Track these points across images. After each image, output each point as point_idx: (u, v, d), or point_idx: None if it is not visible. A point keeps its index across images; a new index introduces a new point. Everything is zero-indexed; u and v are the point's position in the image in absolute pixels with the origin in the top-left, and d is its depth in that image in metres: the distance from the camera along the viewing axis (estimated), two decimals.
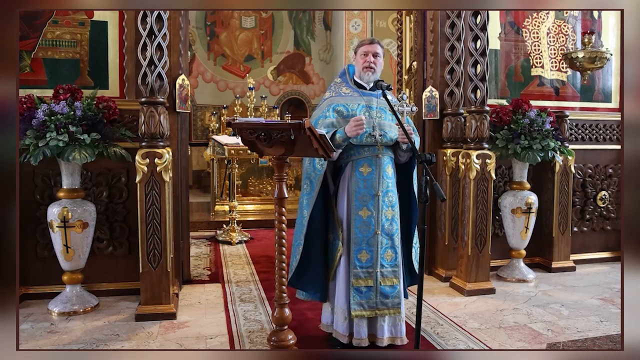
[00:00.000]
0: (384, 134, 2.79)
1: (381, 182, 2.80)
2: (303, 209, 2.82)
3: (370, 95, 2.87)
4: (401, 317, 2.88)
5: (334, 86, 2.97)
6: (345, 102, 2.83)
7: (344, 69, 3.01)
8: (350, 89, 2.90)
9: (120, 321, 3.29)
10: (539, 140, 4.17)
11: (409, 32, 5.19)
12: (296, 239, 2.87)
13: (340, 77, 3.00)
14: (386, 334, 2.84)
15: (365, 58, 2.85)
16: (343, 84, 2.94)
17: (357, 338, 2.80)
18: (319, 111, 2.88)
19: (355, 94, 2.87)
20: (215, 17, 11.13)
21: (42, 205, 3.60)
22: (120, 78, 3.76)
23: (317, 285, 2.87)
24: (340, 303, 2.81)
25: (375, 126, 2.78)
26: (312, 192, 2.78)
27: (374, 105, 2.84)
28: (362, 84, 2.90)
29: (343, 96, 2.87)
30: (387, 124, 2.83)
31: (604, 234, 5.07)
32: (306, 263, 2.83)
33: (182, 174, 3.99)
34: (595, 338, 3.02)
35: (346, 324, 2.81)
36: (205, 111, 10.81)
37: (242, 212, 7.09)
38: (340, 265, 2.80)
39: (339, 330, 2.84)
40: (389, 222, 2.83)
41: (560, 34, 4.89)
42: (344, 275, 2.80)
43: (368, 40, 2.91)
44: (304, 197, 2.83)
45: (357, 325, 2.80)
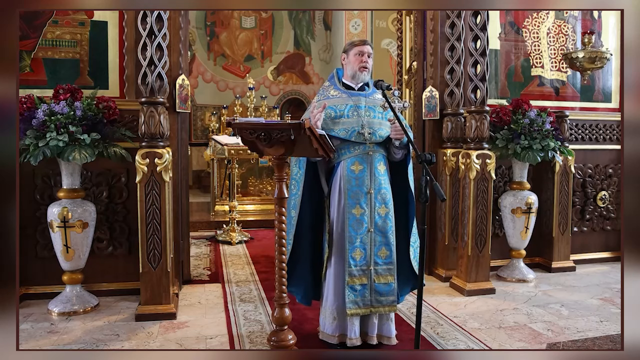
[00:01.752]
0: (374, 132, 2.81)
1: (373, 179, 2.81)
2: (291, 209, 2.84)
3: (359, 95, 2.90)
4: (391, 317, 2.90)
5: (322, 90, 3.00)
6: (334, 104, 2.86)
7: (333, 73, 3.04)
8: (338, 91, 2.92)
9: (120, 321, 3.29)
10: (539, 140, 4.17)
11: (409, 32, 5.19)
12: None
13: (328, 80, 3.03)
14: (376, 331, 2.88)
15: (360, 58, 2.86)
16: (331, 87, 2.96)
17: (350, 338, 2.80)
18: (307, 114, 2.89)
19: (344, 95, 2.89)
20: (215, 17, 11.13)
21: (42, 205, 3.60)
22: (120, 78, 3.76)
23: (301, 285, 2.89)
24: (329, 304, 2.82)
25: (364, 124, 2.80)
26: (297, 192, 2.82)
27: (363, 105, 2.87)
28: (350, 85, 2.92)
29: (331, 98, 2.89)
30: (376, 122, 2.85)
31: (604, 234, 5.07)
32: (294, 264, 2.84)
33: (182, 174, 3.99)
34: (595, 338, 3.02)
35: (335, 324, 2.82)
36: (205, 111, 10.81)
37: (242, 212, 7.09)
38: (330, 266, 2.82)
39: (326, 331, 2.85)
40: (383, 220, 2.84)
41: (560, 34, 4.89)
42: (333, 276, 2.81)
43: (360, 41, 2.91)
44: (291, 197, 2.84)
45: (351, 325, 2.80)
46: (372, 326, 2.87)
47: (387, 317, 2.90)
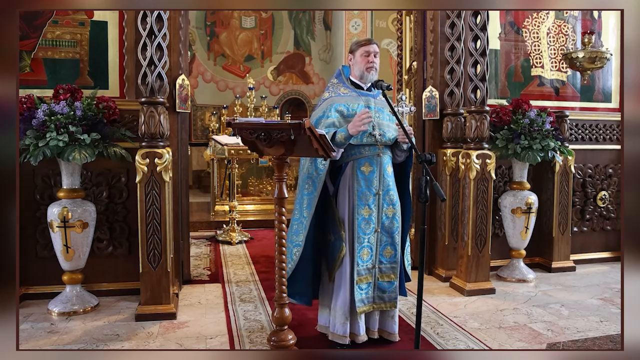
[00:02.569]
0: (384, 134, 2.81)
1: (382, 180, 2.81)
2: (303, 209, 2.80)
3: (368, 95, 2.89)
4: (393, 313, 2.92)
5: (331, 87, 2.96)
6: (346, 102, 2.83)
7: (339, 70, 3.01)
8: (348, 89, 2.90)
9: (120, 321, 3.29)
10: (539, 140, 4.17)
11: (409, 32, 5.19)
12: (292, 241, 2.83)
13: (336, 77, 2.99)
14: (377, 326, 2.91)
15: (367, 58, 2.85)
16: (340, 85, 2.93)
17: (358, 335, 2.83)
18: (319, 111, 2.88)
19: (354, 94, 2.87)
20: (215, 17, 11.13)
21: (42, 205, 3.60)
22: (120, 78, 3.76)
23: (305, 288, 2.87)
24: (340, 304, 2.80)
25: (375, 125, 2.80)
26: (314, 192, 2.78)
27: (372, 105, 2.86)
28: (359, 84, 2.90)
29: (342, 96, 2.87)
30: (385, 124, 2.84)
31: (604, 234, 5.07)
32: (296, 267, 2.82)
33: (182, 174, 3.99)
34: (595, 338, 3.02)
35: (347, 325, 2.81)
36: (205, 111, 10.81)
37: (242, 212, 7.09)
38: (343, 266, 2.80)
39: (337, 332, 2.83)
40: (389, 220, 2.85)
41: (560, 34, 4.89)
42: (345, 276, 2.80)
43: (367, 40, 2.90)
44: (304, 197, 2.81)
45: (359, 322, 2.82)
46: (374, 322, 2.92)
47: (389, 314, 2.92)
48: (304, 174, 2.85)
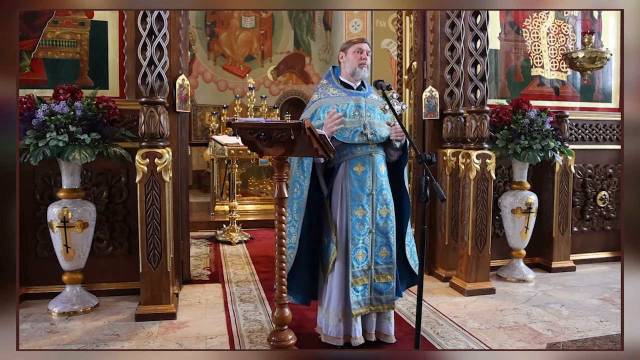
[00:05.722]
0: (375, 133, 2.80)
1: (375, 180, 2.80)
2: (294, 212, 2.80)
3: (358, 95, 2.87)
4: (389, 315, 2.91)
5: (320, 88, 2.95)
6: (335, 103, 2.82)
7: (329, 71, 3.00)
8: (337, 90, 2.89)
9: (120, 321, 3.29)
10: (539, 140, 4.17)
11: (409, 32, 5.19)
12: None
13: (325, 78, 2.99)
14: (374, 328, 2.90)
15: (359, 55, 2.84)
16: (330, 85, 2.92)
17: (354, 337, 2.81)
18: (308, 113, 2.86)
19: (344, 94, 2.86)
20: (215, 17, 11.14)
21: (42, 205, 3.60)
22: (120, 78, 3.76)
23: (300, 288, 2.88)
24: (333, 306, 2.80)
25: (366, 125, 2.78)
26: (301, 195, 2.78)
27: (363, 105, 2.84)
28: (349, 84, 2.90)
29: (332, 97, 2.86)
30: (376, 123, 2.83)
31: (604, 234, 5.07)
32: (293, 267, 2.82)
33: (182, 174, 3.99)
34: (595, 338, 3.02)
35: (340, 326, 2.81)
36: (205, 111, 10.81)
37: (242, 212, 7.09)
38: (335, 268, 2.79)
39: (330, 334, 2.82)
40: (384, 220, 2.84)
41: (560, 34, 4.89)
42: (338, 278, 2.79)
43: (359, 39, 2.89)
44: (294, 201, 2.80)
45: (355, 324, 2.81)
46: (371, 323, 2.90)
47: (386, 315, 2.91)
48: (292, 177, 2.85)
